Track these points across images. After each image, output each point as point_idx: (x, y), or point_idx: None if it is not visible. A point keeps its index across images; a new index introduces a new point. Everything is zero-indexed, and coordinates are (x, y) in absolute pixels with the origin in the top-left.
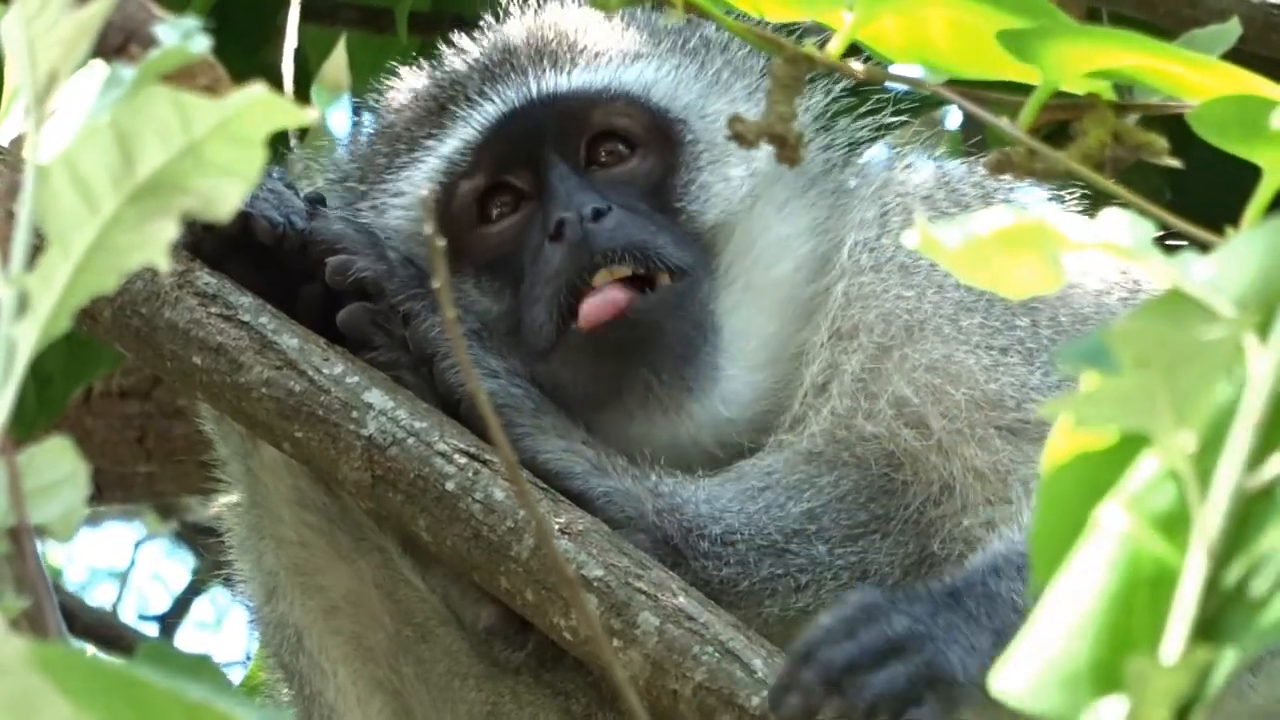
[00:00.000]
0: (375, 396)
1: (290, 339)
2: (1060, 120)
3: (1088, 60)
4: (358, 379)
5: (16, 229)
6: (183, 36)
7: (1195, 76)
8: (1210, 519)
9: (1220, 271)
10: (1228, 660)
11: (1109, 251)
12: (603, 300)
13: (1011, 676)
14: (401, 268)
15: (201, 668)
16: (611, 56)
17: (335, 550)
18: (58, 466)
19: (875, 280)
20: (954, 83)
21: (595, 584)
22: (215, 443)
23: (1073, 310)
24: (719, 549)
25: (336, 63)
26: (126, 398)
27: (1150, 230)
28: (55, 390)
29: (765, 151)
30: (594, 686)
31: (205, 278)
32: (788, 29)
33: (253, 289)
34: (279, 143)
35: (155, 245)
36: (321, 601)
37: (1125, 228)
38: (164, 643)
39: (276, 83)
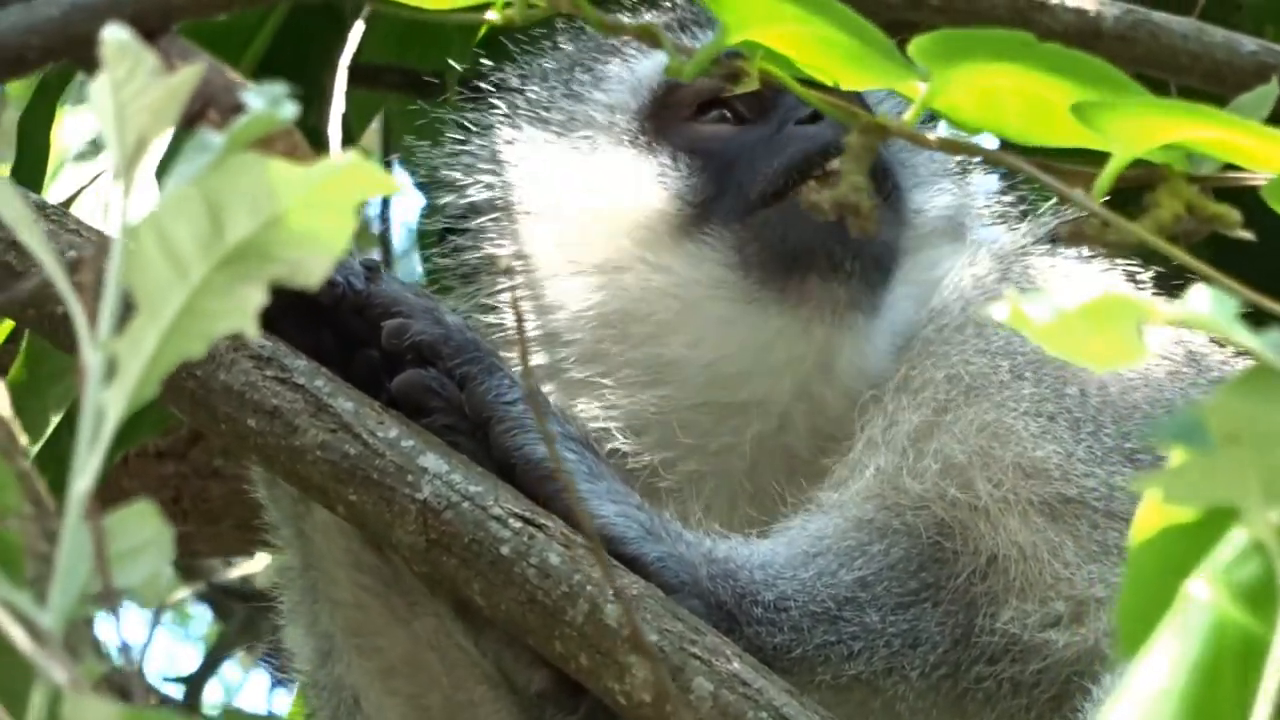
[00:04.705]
0: (430, 460)
1: (345, 402)
2: (1132, 186)
3: (1162, 132)
4: (413, 443)
5: (105, 294)
6: (270, 103)
7: (1268, 149)
8: None
9: None
10: None
11: (1195, 326)
12: None
13: None
14: (458, 332)
15: None
16: None
17: (391, 612)
18: (143, 530)
19: (955, 338)
20: (1027, 151)
21: (650, 648)
22: (267, 507)
23: (1121, 381)
24: (773, 615)
25: (371, 130)
26: (163, 458)
27: (1235, 305)
28: None
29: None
30: None
31: (260, 340)
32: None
33: (308, 352)
34: None
35: (243, 312)
36: (379, 663)
37: (1211, 302)
38: (238, 709)
39: (320, 146)
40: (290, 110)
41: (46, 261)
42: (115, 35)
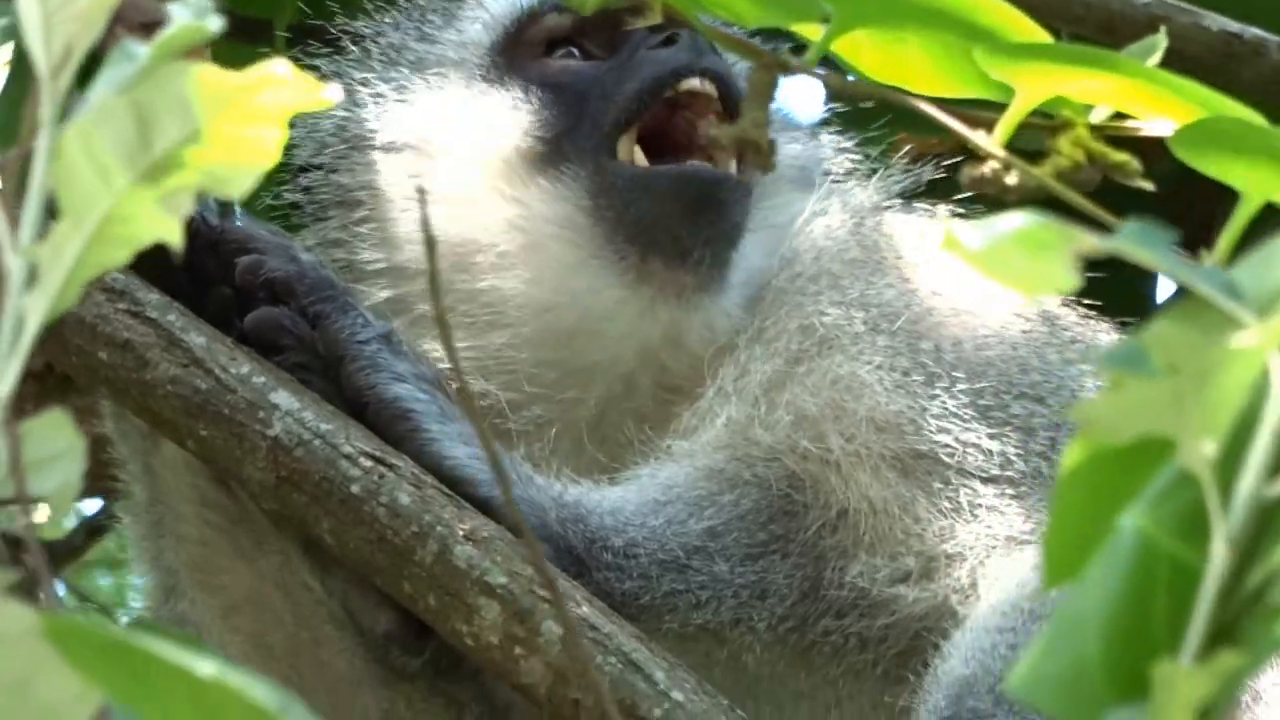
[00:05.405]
0: (282, 397)
1: (197, 337)
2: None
3: (1065, 78)
4: (264, 379)
5: (29, 199)
6: (196, 14)
7: (1172, 99)
8: (1230, 524)
9: (1242, 281)
10: (1247, 666)
11: (1128, 255)
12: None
13: (1024, 677)
14: (312, 269)
15: (197, 645)
16: None
17: (236, 549)
18: (55, 440)
19: (809, 288)
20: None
21: (498, 591)
22: (114, 441)
23: (976, 338)
24: (622, 561)
25: None
26: None
27: (1170, 238)
28: None
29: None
30: (488, 698)
31: (114, 273)
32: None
33: (161, 288)
34: None
35: (168, 221)
36: (222, 600)
37: (1143, 234)
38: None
39: None
40: (216, 23)
41: None
42: None
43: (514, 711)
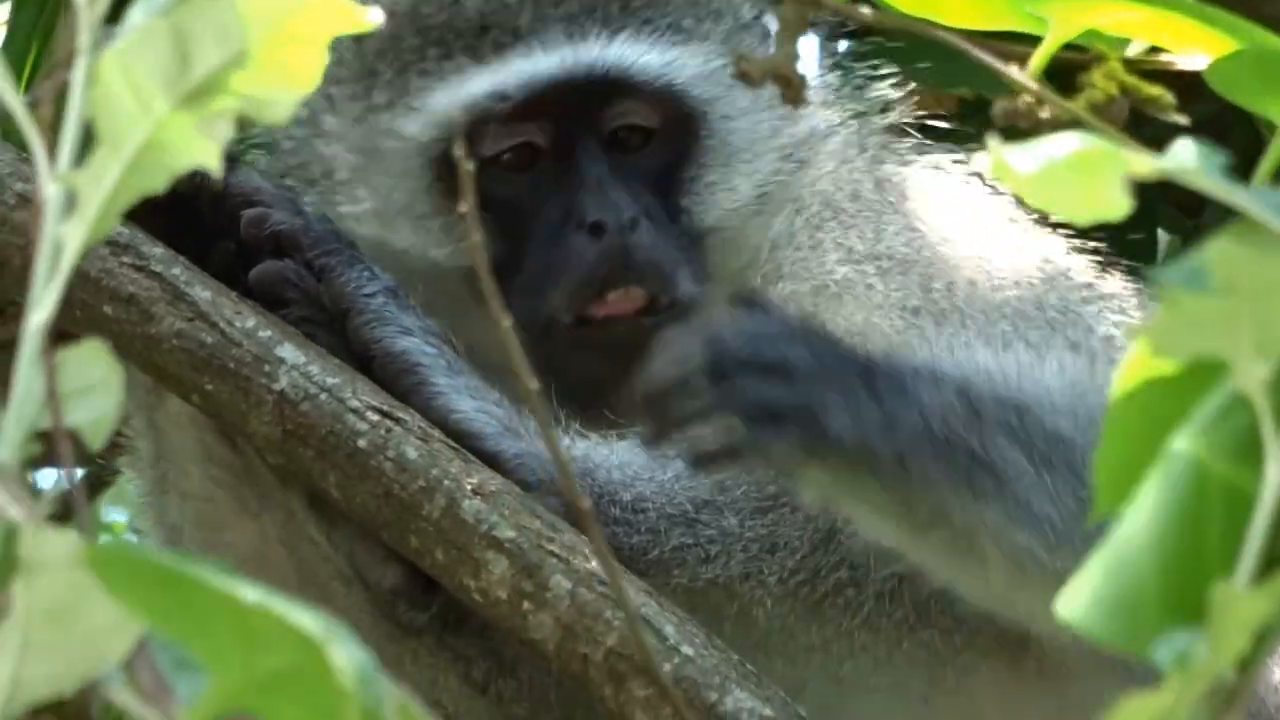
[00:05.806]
0: (288, 351)
1: (203, 291)
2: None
3: (1099, 12)
4: (270, 333)
5: (66, 125)
6: None
7: (1206, 31)
8: None
9: None
10: None
11: (1181, 178)
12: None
13: (1077, 604)
14: (318, 223)
15: (233, 573)
16: (656, 28)
17: (241, 505)
18: (92, 370)
19: (811, 257)
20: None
21: (506, 545)
22: None
23: (991, 279)
24: (630, 516)
25: None
26: None
27: (1222, 159)
28: None
29: (778, 165)
30: (495, 653)
31: (118, 227)
32: None
33: (165, 242)
34: None
35: (207, 148)
36: (227, 557)
37: (1196, 155)
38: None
39: None
40: None
41: (4, 89)
42: None
43: (521, 667)
